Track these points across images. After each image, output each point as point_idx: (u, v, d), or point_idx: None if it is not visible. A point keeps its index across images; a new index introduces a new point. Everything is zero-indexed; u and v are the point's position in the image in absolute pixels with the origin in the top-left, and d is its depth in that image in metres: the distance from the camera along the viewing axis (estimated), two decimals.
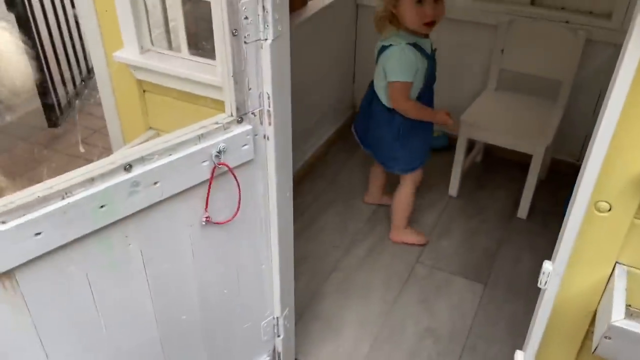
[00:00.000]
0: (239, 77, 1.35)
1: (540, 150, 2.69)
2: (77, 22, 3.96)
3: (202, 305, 1.61)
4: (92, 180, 1.19)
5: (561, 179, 2.99)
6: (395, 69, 2.18)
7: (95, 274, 1.29)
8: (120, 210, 1.25)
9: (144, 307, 1.46)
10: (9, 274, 1.13)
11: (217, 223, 1.48)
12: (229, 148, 1.40)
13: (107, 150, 2.17)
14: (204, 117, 1.41)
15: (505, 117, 2.87)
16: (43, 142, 3.75)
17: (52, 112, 3.71)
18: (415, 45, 2.18)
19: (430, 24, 2.14)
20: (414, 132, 2.37)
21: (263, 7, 1.30)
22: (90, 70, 4.27)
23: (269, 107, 1.44)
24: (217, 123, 1.39)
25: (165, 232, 1.39)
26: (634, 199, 1.19)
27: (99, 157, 1.21)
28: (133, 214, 1.29)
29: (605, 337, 1.20)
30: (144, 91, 1.72)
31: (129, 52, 1.61)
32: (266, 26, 1.32)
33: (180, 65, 1.57)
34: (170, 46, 1.62)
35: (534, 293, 1.45)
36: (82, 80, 4.16)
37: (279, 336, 1.93)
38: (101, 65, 1.69)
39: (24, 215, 1.10)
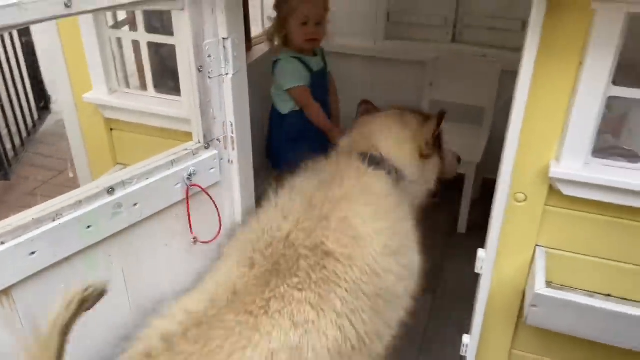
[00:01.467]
0: (204, 107, 1.54)
1: (472, 170, 2.99)
2: (21, 77, 4.04)
3: None
4: (80, 203, 1.33)
5: (492, 196, 3.30)
6: (288, 77, 2.47)
7: None
8: (105, 230, 1.39)
9: (125, 326, 1.56)
10: (6, 291, 1.24)
11: (204, 242, 1.63)
12: (198, 171, 1.57)
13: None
14: (168, 149, 1.56)
15: None
16: None
17: (1, 166, 3.72)
18: (299, 59, 2.48)
19: (312, 41, 2.48)
20: (302, 137, 2.58)
21: (224, 46, 1.51)
22: (35, 123, 4.32)
23: (232, 133, 1.62)
24: (186, 149, 1.56)
25: (144, 251, 1.53)
26: (543, 189, 1.45)
27: None
28: (116, 234, 1.42)
29: (532, 306, 1.43)
30: (111, 129, 1.87)
31: (98, 93, 1.76)
32: (227, 63, 1.53)
33: (148, 102, 1.74)
34: (135, 86, 1.80)
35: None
36: (28, 133, 4.20)
37: None
38: (69, 108, 1.83)
39: (20, 236, 1.23)
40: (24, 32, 3.97)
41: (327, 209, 1.45)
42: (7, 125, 3.87)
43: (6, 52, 3.82)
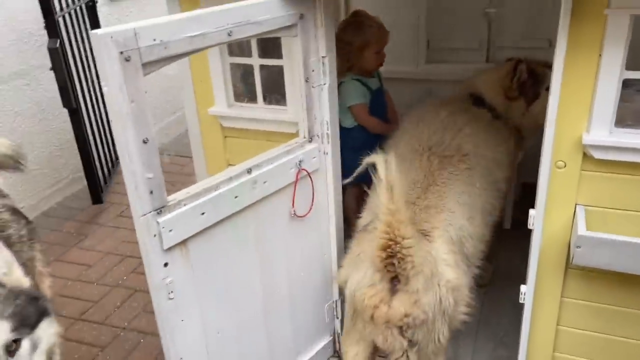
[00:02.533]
0: (309, 110, 2.01)
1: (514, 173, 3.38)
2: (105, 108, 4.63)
3: (289, 285, 2.17)
4: (230, 179, 1.80)
5: (531, 196, 3.67)
6: (350, 96, 2.90)
7: (228, 248, 1.86)
8: (246, 200, 1.86)
9: (254, 280, 2.01)
10: (185, 242, 1.71)
11: (299, 216, 2.08)
12: (304, 159, 2.03)
13: None
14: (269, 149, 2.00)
15: None
16: (89, 218, 4.29)
17: (96, 191, 4.27)
18: (359, 80, 2.93)
19: (380, 65, 2.99)
20: (367, 146, 2.95)
21: (322, 63, 1.99)
22: (117, 156, 4.90)
23: (328, 130, 2.09)
24: (296, 142, 2.03)
25: (268, 220, 1.98)
26: (578, 156, 1.85)
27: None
28: (251, 205, 1.89)
29: (577, 247, 1.82)
30: (226, 137, 2.36)
31: (220, 107, 2.27)
32: (325, 75, 2.01)
33: (258, 112, 2.23)
34: (247, 100, 2.30)
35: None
36: (113, 165, 4.77)
37: (337, 318, 2.46)
38: (193, 120, 2.34)
39: (196, 200, 1.70)
40: None
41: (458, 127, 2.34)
42: (99, 157, 4.45)
43: (93, 91, 4.42)
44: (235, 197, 1.81)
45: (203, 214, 1.72)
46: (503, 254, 3.29)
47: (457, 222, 2.04)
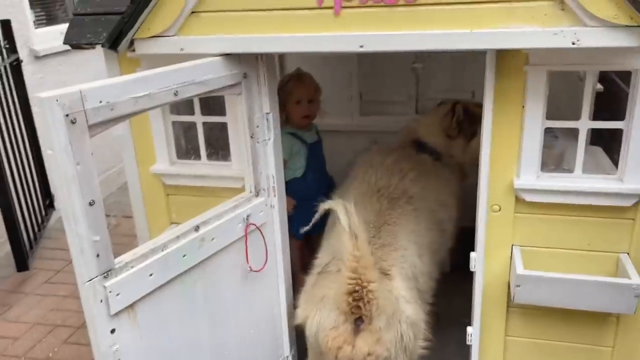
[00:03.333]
0: (255, 164, 2.04)
1: None
2: (32, 170, 4.42)
3: (239, 343, 2.12)
4: (178, 238, 1.77)
5: (468, 240, 3.82)
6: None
7: (177, 309, 1.81)
8: (194, 258, 1.83)
9: (203, 340, 1.95)
10: (132, 305, 1.65)
11: (255, 271, 2.06)
12: (252, 214, 2.04)
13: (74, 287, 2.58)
14: (214, 206, 2.00)
15: None
16: (13, 286, 4.01)
17: (21, 257, 4.02)
18: (294, 135, 3.00)
19: (306, 118, 3.02)
20: (306, 199, 2.76)
21: (267, 119, 2.04)
22: (43, 219, 4.66)
23: (274, 184, 2.12)
24: (243, 197, 2.04)
25: (216, 277, 1.95)
26: (511, 200, 1.98)
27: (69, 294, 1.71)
28: (200, 262, 1.86)
29: (517, 286, 1.92)
30: (168, 195, 2.32)
31: (161, 165, 2.24)
32: (269, 131, 2.06)
33: (202, 169, 2.23)
34: (190, 157, 2.29)
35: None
36: (38, 228, 4.52)
37: None
38: (134, 179, 2.30)
39: (144, 261, 1.66)
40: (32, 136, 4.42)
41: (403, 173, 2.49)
42: (24, 220, 4.22)
43: (18, 152, 4.23)
44: (184, 255, 1.78)
45: (151, 275, 1.67)
46: (444, 297, 3.37)
47: (410, 259, 2.15)
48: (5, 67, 4.10)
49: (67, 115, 1.37)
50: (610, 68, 1.83)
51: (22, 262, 4.03)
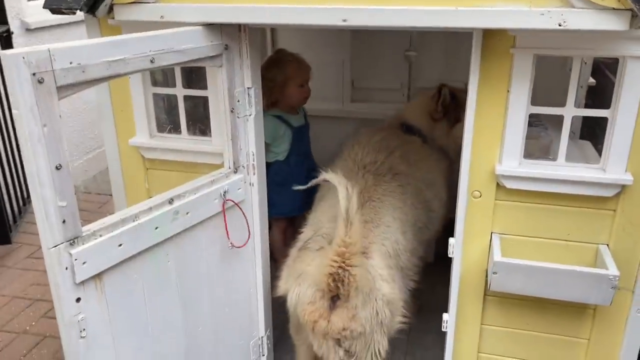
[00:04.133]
0: (234, 140, 2.00)
1: None
2: (18, 144, 4.36)
3: (213, 321, 2.09)
4: (150, 210, 1.74)
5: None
6: (267, 133, 2.85)
7: (147, 282, 1.78)
8: (167, 231, 1.79)
9: (175, 316, 1.92)
10: (100, 275, 1.61)
11: (238, 247, 2.03)
12: (230, 190, 2.01)
13: None
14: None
15: None
16: None
17: (3, 230, 3.98)
18: (280, 117, 2.96)
19: (306, 99, 3.04)
20: (287, 182, 2.88)
21: (248, 94, 2.00)
22: (29, 194, 4.60)
23: (253, 161, 2.08)
24: (221, 173, 2.00)
25: (191, 252, 1.92)
26: (492, 186, 1.95)
27: None
28: (173, 236, 1.83)
29: (493, 273, 1.90)
30: (147, 169, 2.28)
31: (141, 138, 2.19)
32: (250, 106, 2.02)
33: (182, 143, 2.19)
34: (170, 131, 2.25)
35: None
36: (24, 203, 4.47)
37: (263, 355, 2.40)
38: (113, 152, 2.25)
39: (113, 230, 1.62)
40: None
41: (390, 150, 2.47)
42: (8, 193, 4.17)
43: (5, 125, 4.18)
44: (156, 228, 1.75)
45: (120, 245, 1.64)
46: (427, 287, 3.35)
47: (392, 236, 2.13)
48: None
49: (34, 74, 1.33)
50: (598, 54, 1.79)
51: (4, 235, 3.99)
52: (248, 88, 2.00)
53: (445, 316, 2.14)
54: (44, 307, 3.47)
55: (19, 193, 4.35)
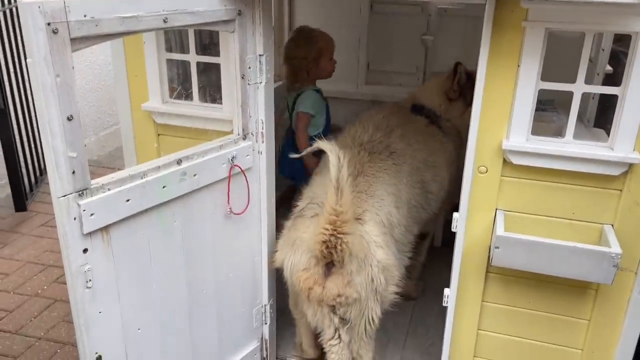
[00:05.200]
0: (244, 106, 2.03)
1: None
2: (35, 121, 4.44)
3: (216, 285, 2.13)
4: (158, 168, 1.77)
5: None
6: (304, 103, 2.98)
7: (153, 240, 1.82)
8: (174, 191, 1.83)
9: (179, 276, 1.96)
10: (107, 228, 1.65)
11: (236, 214, 2.06)
12: (238, 156, 2.03)
13: None
14: None
15: None
16: (10, 226, 4.07)
17: (20, 197, 4.06)
18: (319, 92, 3.06)
19: (332, 72, 3.11)
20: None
21: (260, 61, 2.02)
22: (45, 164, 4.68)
23: (262, 129, 2.11)
24: (229, 139, 2.03)
25: (197, 215, 1.96)
26: (498, 162, 1.95)
27: None
28: (180, 197, 1.86)
29: (496, 247, 1.90)
30: (159, 134, 2.33)
31: (154, 103, 2.23)
32: (261, 73, 2.04)
33: (193, 109, 2.22)
34: (182, 98, 2.29)
35: None
36: (40, 173, 4.56)
37: (265, 323, 2.43)
38: (126, 115, 2.30)
39: (121, 185, 1.66)
40: None
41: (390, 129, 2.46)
42: (26, 162, 4.26)
43: (24, 95, 4.26)
44: (163, 187, 1.78)
45: (128, 200, 1.68)
46: (432, 269, 3.37)
47: (386, 208, 2.15)
48: (16, 9, 4.10)
49: (48, 24, 1.36)
50: (610, 29, 1.78)
51: (20, 202, 4.08)
52: (260, 55, 2.02)
53: (446, 291, 2.15)
54: (55, 273, 3.55)
55: (35, 163, 4.44)
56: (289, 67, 3.09)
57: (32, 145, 4.36)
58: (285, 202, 3.30)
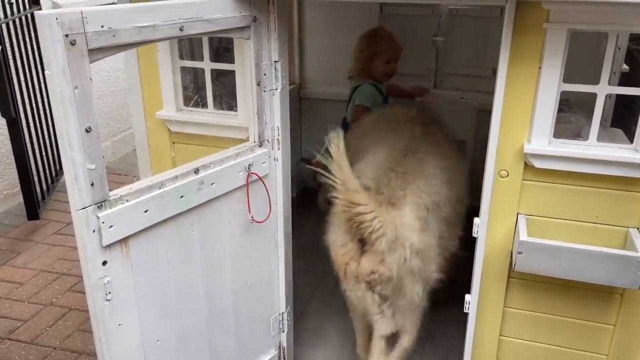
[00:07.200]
0: (260, 113, 2.01)
1: None
2: (47, 121, 4.42)
3: (234, 293, 2.10)
4: (176, 178, 1.75)
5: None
6: (361, 95, 3.14)
7: (171, 250, 1.80)
8: (192, 200, 1.81)
9: (197, 286, 1.94)
10: (126, 240, 1.64)
11: (258, 222, 2.04)
12: (254, 163, 2.01)
13: None
14: None
15: None
16: (23, 235, 4.07)
17: (32, 206, 4.06)
18: (375, 86, 3.18)
19: (389, 76, 3.27)
20: None
21: (275, 68, 2.00)
22: (57, 173, 4.69)
23: (278, 136, 2.09)
24: (246, 146, 2.01)
25: (214, 224, 1.94)
26: (520, 166, 1.92)
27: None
28: (198, 206, 1.84)
29: (519, 253, 1.87)
30: (174, 142, 2.31)
31: (168, 111, 2.22)
32: (277, 80, 2.02)
33: (208, 117, 2.20)
34: (196, 105, 2.27)
35: None
36: (52, 181, 4.57)
37: (283, 331, 2.41)
38: (140, 123, 2.28)
39: (139, 196, 1.64)
40: None
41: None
42: (37, 171, 4.26)
43: (35, 103, 4.26)
44: (181, 196, 1.76)
45: (146, 211, 1.66)
46: (451, 273, 3.33)
47: (434, 188, 2.15)
48: (26, 17, 4.11)
49: (66, 36, 1.35)
50: (635, 30, 1.74)
51: (33, 210, 4.08)
52: (275, 61, 1.99)
53: (467, 297, 2.11)
54: (70, 282, 3.54)
55: (47, 171, 4.44)
56: (352, 57, 3.24)
57: (44, 154, 4.36)
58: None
